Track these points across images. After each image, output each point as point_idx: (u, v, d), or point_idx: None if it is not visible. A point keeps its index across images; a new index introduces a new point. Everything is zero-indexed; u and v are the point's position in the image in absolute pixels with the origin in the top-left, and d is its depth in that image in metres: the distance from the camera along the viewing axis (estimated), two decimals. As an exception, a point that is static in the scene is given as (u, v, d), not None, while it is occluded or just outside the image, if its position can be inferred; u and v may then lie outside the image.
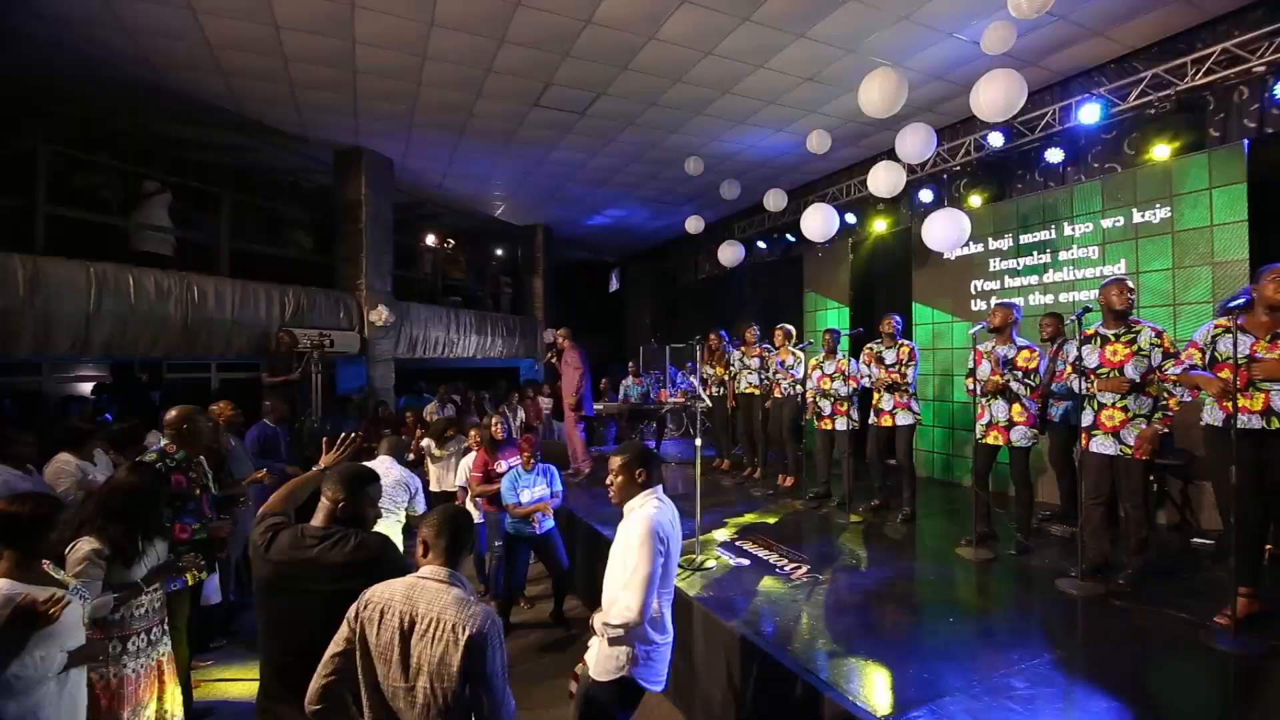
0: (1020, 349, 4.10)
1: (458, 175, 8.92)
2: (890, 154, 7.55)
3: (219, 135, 7.42)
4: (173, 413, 3.14)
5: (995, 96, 4.36)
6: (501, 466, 4.56)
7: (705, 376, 7.16)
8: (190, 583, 2.99)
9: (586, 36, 5.12)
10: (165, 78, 5.92)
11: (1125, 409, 3.49)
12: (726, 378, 6.75)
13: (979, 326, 4.20)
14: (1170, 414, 3.37)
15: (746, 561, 3.94)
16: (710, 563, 3.89)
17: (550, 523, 4.45)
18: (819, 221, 6.14)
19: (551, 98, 6.32)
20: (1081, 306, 3.55)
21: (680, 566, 3.83)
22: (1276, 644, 2.71)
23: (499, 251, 13.08)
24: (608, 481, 2.16)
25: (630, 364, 8.77)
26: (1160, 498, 4.67)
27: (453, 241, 11.30)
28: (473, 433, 5.04)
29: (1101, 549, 3.60)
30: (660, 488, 2.16)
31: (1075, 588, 3.39)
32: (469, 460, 4.84)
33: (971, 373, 4.31)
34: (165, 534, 2.85)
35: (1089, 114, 5.39)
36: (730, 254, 8.35)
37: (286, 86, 6.11)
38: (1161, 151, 5.03)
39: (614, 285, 15.92)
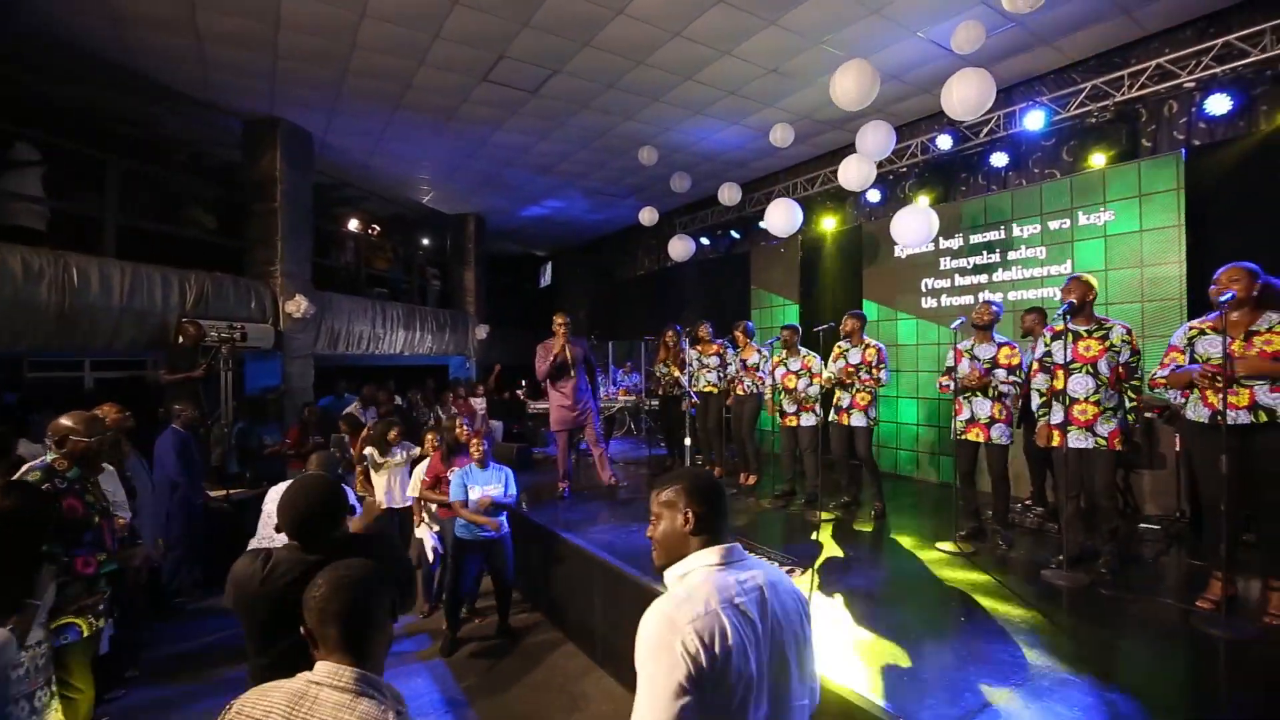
0: (1000, 346, 4.15)
1: (386, 155, 8.19)
2: (837, 154, 7.71)
3: (107, 96, 6.37)
4: (69, 419, 2.50)
5: (968, 94, 4.42)
6: (456, 473, 4.14)
7: (659, 374, 6.95)
8: (86, 633, 2.42)
9: (551, 3, 4.74)
10: (42, 24, 4.97)
11: (1097, 403, 3.58)
12: (684, 376, 6.55)
13: (959, 321, 4.22)
14: (1140, 405, 3.49)
15: (736, 566, 3.73)
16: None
17: (506, 528, 4.19)
18: (782, 216, 6.07)
19: (503, 72, 5.86)
20: (1066, 302, 3.60)
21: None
22: (1261, 625, 2.82)
23: (426, 241, 12.25)
24: (649, 533, 1.35)
25: (578, 360, 8.39)
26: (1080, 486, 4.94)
27: (378, 228, 10.43)
28: (429, 436, 4.56)
29: (1078, 539, 3.69)
30: (731, 549, 1.27)
31: (1061, 578, 3.44)
32: (423, 468, 4.36)
33: (949, 370, 4.33)
34: (55, 572, 2.27)
35: (1034, 120, 5.62)
36: (681, 248, 8.17)
37: (191, 40, 5.29)
38: (1099, 159, 5.32)
39: (545, 280, 15.40)
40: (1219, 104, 4.65)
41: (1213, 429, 3.00)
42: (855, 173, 5.17)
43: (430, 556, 4.50)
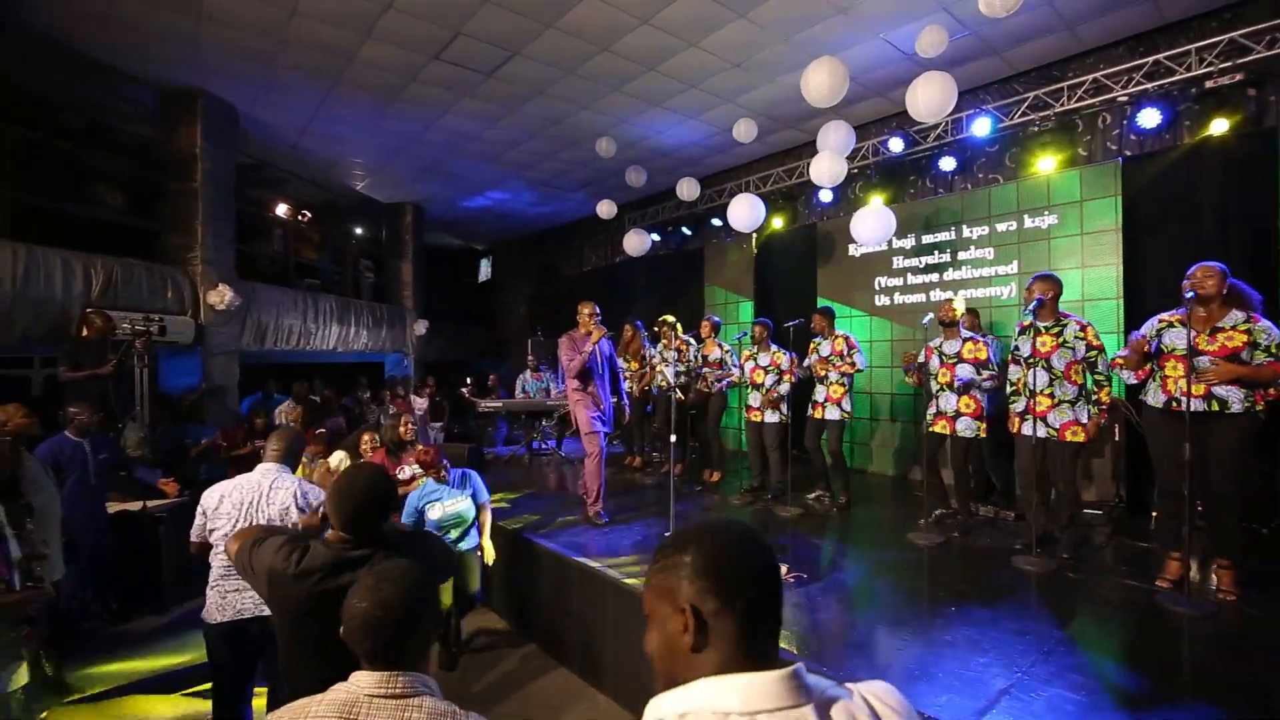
0: (965, 341, 4.28)
1: (319, 135, 7.61)
2: (790, 153, 7.82)
3: (-8, 54, 5.58)
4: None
5: (932, 96, 4.54)
6: (404, 473, 3.87)
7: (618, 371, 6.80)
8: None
9: (518, -19, 4.51)
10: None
11: (1052, 395, 3.76)
12: (644, 371, 6.45)
13: (928, 318, 4.33)
14: (1103, 405, 3.66)
15: (721, 565, 3.66)
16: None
17: (475, 539, 3.77)
18: (745, 211, 6.06)
19: (458, 51, 5.54)
20: (1037, 298, 3.74)
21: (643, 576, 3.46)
22: (1217, 602, 3.02)
23: (360, 231, 11.55)
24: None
25: (530, 357, 8.12)
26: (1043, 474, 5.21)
27: (309, 214, 9.71)
28: (366, 437, 4.23)
29: (1041, 525, 3.85)
30: (779, 678, 0.72)
31: (1030, 564, 3.58)
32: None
33: (920, 367, 4.44)
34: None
35: (981, 127, 5.87)
36: (636, 243, 8.05)
37: (100, -7, 4.69)
38: (1045, 165, 5.61)
39: (484, 275, 14.90)
40: (1149, 118, 4.99)
41: (1169, 415, 3.19)
42: (827, 169, 5.23)
43: None
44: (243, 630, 2.36)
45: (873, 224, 5.33)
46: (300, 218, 9.53)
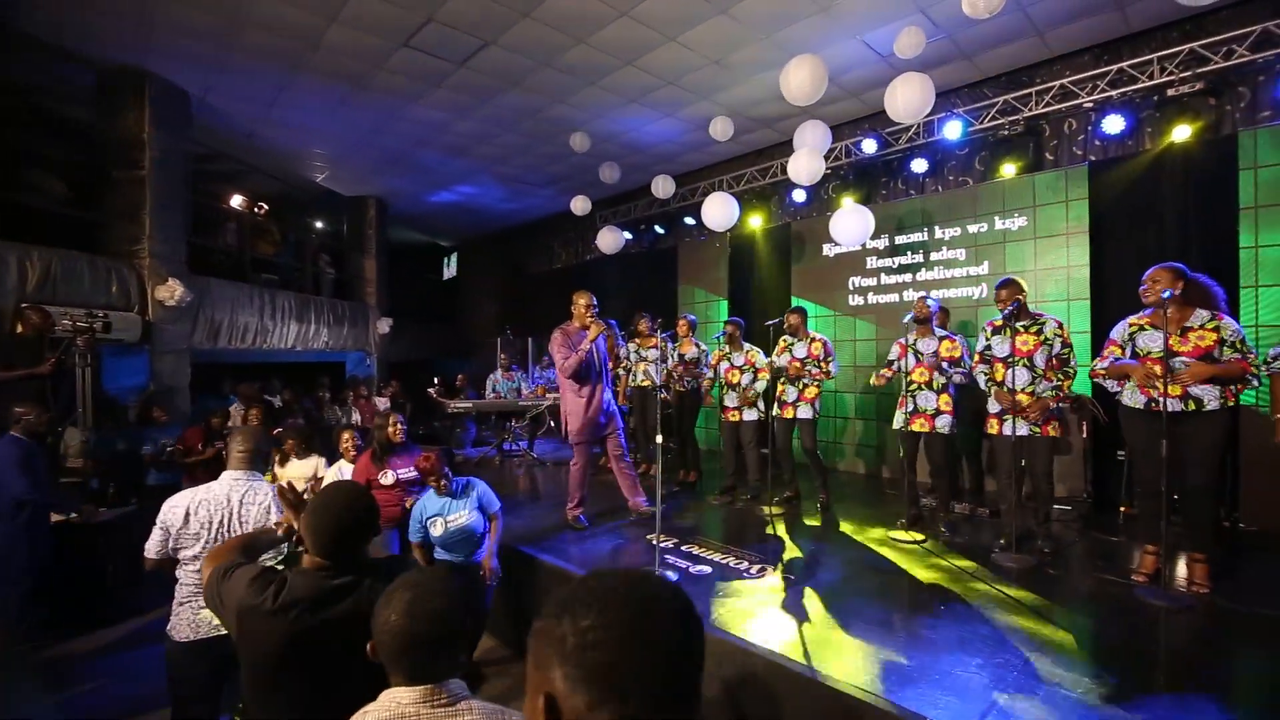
0: (941, 339, 4.32)
1: (278, 125, 7.27)
2: (763, 153, 7.83)
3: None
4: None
5: (912, 97, 4.55)
6: (388, 478, 3.62)
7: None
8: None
9: (495, -34, 4.36)
10: None
11: (1033, 393, 3.81)
12: (620, 370, 6.35)
13: (909, 317, 4.35)
14: (1062, 394, 3.75)
15: (706, 569, 3.60)
16: (669, 574, 3.48)
17: (483, 551, 3.33)
18: (720, 210, 6.03)
19: (429, 38, 5.34)
20: (1014, 301, 3.79)
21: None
22: (1193, 594, 3.10)
23: (319, 225, 11.12)
24: None
25: (502, 356, 7.92)
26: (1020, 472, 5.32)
27: (265, 207, 9.28)
28: (346, 436, 4.02)
29: (1019, 522, 3.91)
30: None
31: (1010, 560, 3.62)
32: (336, 474, 3.81)
33: (890, 364, 4.46)
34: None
35: (952, 130, 5.96)
36: (611, 240, 7.94)
37: (37, -38, 4.35)
38: (1008, 169, 5.74)
39: (449, 271, 14.56)
40: (1113, 124, 5.14)
41: (1148, 415, 3.26)
42: (805, 166, 5.21)
43: None
44: (215, 647, 2.16)
45: (853, 223, 5.35)
46: (257, 210, 9.10)
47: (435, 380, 9.40)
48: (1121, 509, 4.49)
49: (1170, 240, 4.71)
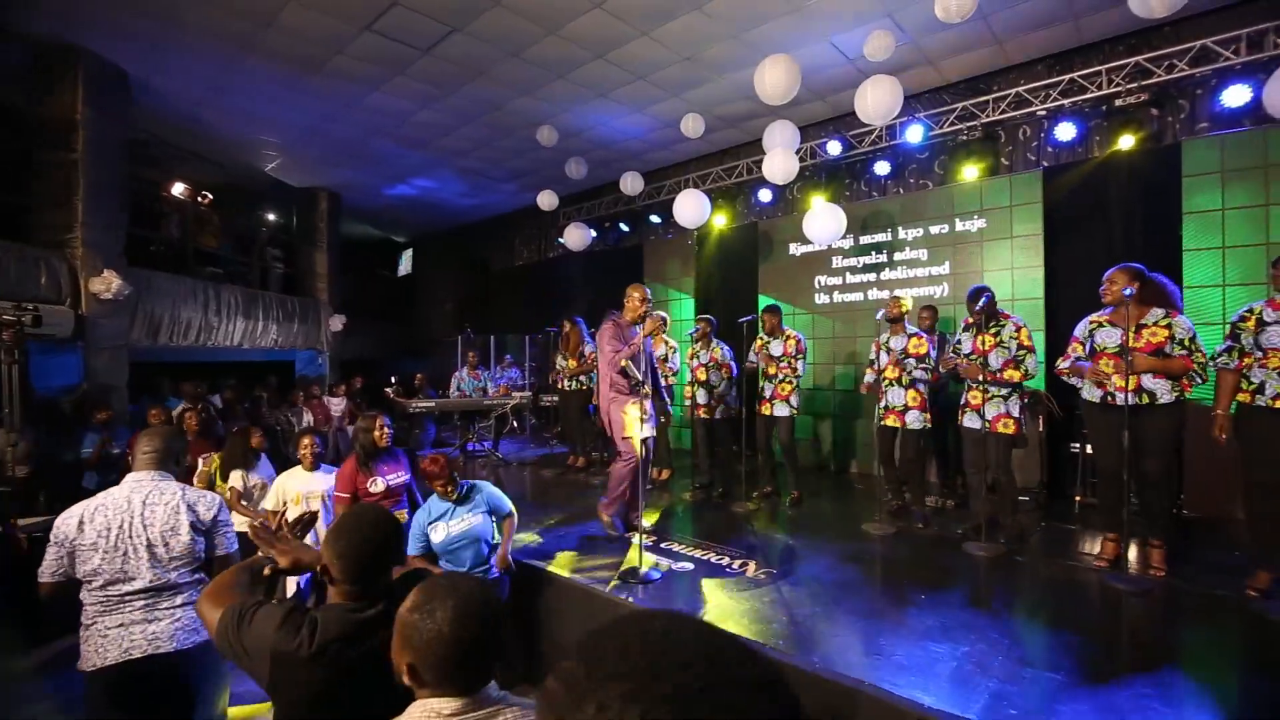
0: (911, 336, 4.42)
1: (226, 110, 6.89)
2: (728, 152, 7.88)
3: None
4: None
5: (881, 99, 4.65)
6: (377, 486, 3.37)
7: (559, 368, 6.61)
8: None
9: (467, -50, 4.23)
10: None
11: (985, 390, 3.95)
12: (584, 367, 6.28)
13: (881, 314, 4.44)
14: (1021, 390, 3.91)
15: (689, 565, 3.57)
16: (653, 571, 3.44)
17: (496, 570, 3.10)
18: (692, 207, 6.03)
19: (393, 23, 5.15)
20: (985, 297, 3.91)
21: (620, 579, 3.33)
22: (1152, 578, 3.25)
23: (270, 217, 10.60)
24: None
25: (471, 354, 7.70)
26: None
27: (209, 196, 8.77)
28: (305, 441, 3.78)
29: (986, 512, 4.03)
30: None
31: (981, 550, 3.73)
32: (314, 481, 3.60)
33: (872, 363, 4.56)
34: None
35: (914, 134, 6.13)
36: (577, 237, 7.85)
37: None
38: (968, 173, 5.94)
39: (404, 268, 14.14)
40: (1065, 131, 5.38)
41: (1105, 408, 3.41)
42: (780, 165, 5.27)
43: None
44: (138, 674, 1.92)
45: (826, 222, 5.43)
46: (200, 200, 8.60)
47: (392, 379, 9.10)
48: (1076, 498, 4.70)
49: (1118, 243, 4.96)
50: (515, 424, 9.28)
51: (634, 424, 3.83)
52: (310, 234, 9.93)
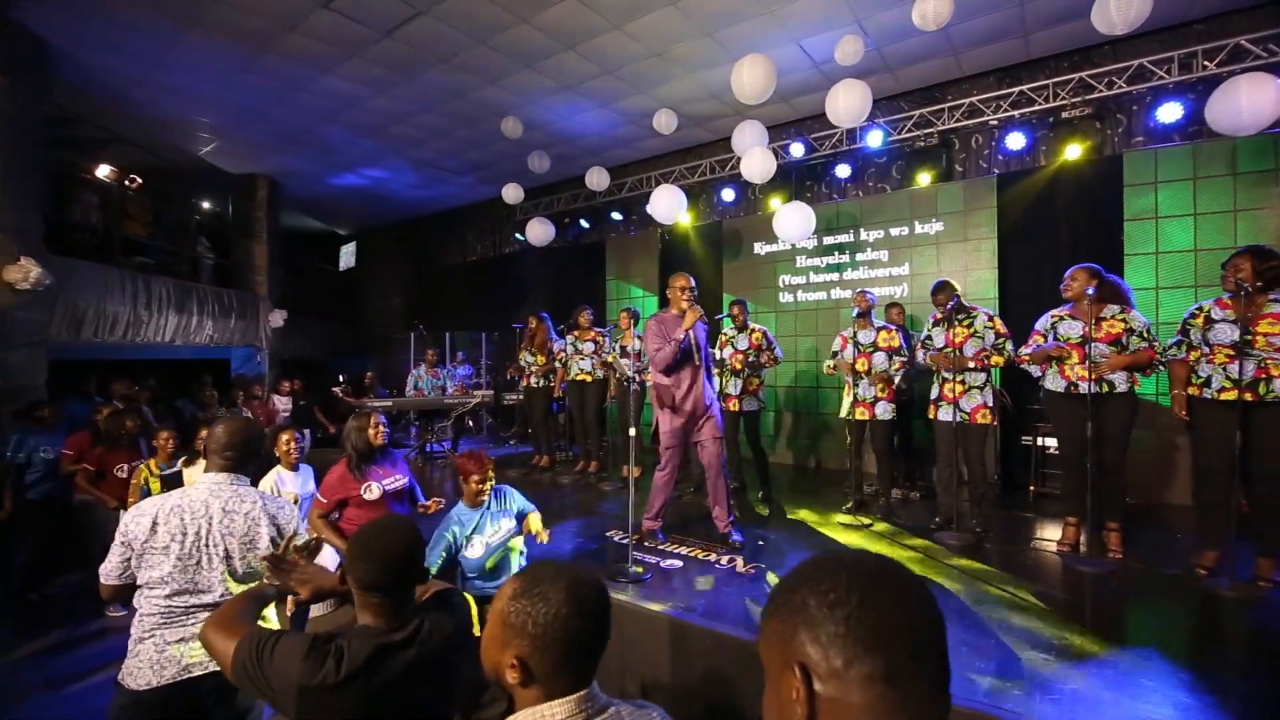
0: (879, 330, 4.56)
1: (160, 87, 6.38)
2: (691, 150, 7.92)
3: None
4: None
5: (852, 102, 4.78)
6: (372, 492, 3.01)
7: (524, 364, 6.46)
8: None
9: (441, -71, 4.06)
10: None
11: (963, 382, 4.12)
12: (558, 364, 6.18)
13: (856, 310, 4.55)
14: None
15: (677, 563, 3.55)
16: (643, 570, 3.40)
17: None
18: (667, 202, 6.02)
19: (352, 1, 4.89)
20: (953, 299, 4.07)
21: (610, 579, 3.27)
22: (1111, 560, 3.47)
23: (205, 205, 9.91)
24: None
25: (430, 352, 7.42)
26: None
27: (138, 180, 8.10)
28: (284, 437, 3.54)
29: (953, 503, 4.20)
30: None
31: (952, 538, 3.88)
32: (295, 482, 3.37)
33: (835, 354, 4.66)
34: None
35: (874, 139, 6.33)
36: (540, 232, 7.69)
37: None
38: (924, 178, 6.18)
39: (347, 262, 13.53)
40: (1015, 141, 5.68)
41: (1069, 397, 3.61)
42: (759, 165, 5.35)
43: None
44: (190, 694, 1.74)
45: (796, 220, 5.54)
46: (128, 184, 7.94)
47: (340, 378, 8.70)
48: (1031, 488, 4.96)
49: (1065, 247, 5.28)
50: (471, 424, 9.03)
51: (669, 426, 3.85)
52: (248, 224, 9.34)
